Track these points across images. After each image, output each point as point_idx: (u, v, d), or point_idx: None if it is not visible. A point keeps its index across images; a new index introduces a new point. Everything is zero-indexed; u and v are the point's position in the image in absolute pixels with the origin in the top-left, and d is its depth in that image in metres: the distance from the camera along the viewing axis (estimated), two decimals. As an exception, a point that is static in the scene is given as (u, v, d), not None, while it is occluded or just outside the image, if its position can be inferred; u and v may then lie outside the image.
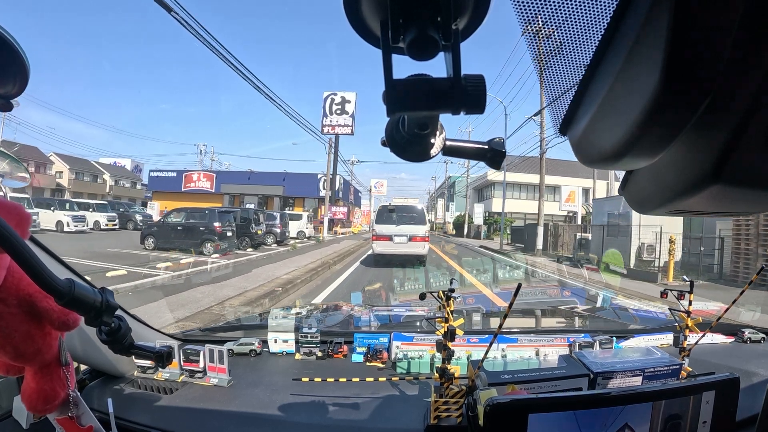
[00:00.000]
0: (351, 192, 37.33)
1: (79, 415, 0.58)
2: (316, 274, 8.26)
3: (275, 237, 15.80)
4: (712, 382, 0.71)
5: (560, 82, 0.40)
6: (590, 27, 0.35)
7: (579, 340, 1.26)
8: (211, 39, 9.16)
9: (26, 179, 1.21)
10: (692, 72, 0.27)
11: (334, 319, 1.83)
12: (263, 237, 14.99)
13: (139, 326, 1.13)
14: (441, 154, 0.40)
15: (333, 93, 24.90)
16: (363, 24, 0.29)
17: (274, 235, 15.76)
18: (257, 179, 30.05)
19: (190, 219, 12.31)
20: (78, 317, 0.50)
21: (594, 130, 0.36)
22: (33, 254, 0.38)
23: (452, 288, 0.92)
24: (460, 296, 0.96)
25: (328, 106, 24.59)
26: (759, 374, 1.11)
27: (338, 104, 24.61)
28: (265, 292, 5.88)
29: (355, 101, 24.67)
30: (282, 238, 16.23)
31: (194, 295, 5.35)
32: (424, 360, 1.19)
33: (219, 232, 11.83)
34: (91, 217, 18.00)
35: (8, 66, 0.47)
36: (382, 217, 10.39)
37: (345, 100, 24.69)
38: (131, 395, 0.98)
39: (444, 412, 0.85)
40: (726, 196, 0.33)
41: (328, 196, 22.97)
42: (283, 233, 16.50)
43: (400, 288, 3.99)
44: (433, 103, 0.29)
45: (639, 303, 3.95)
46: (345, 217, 29.44)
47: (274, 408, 0.93)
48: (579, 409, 0.63)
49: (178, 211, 12.97)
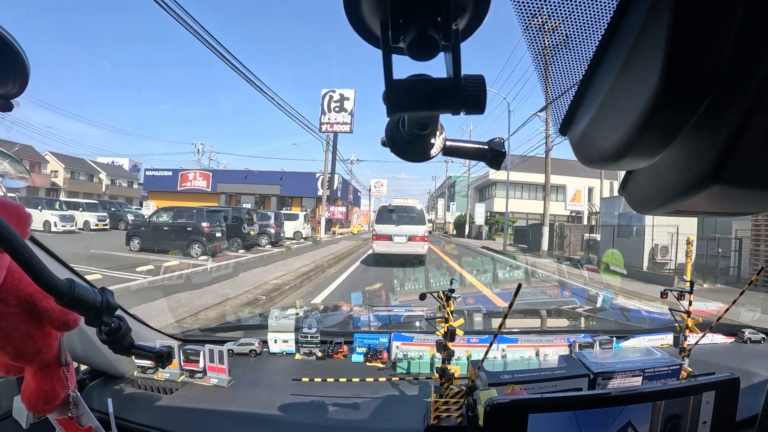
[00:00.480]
0: (350, 191, 36.71)
1: (79, 416, 0.58)
2: (308, 279, 7.70)
3: (269, 238, 15.19)
4: (712, 383, 0.71)
5: (560, 82, 0.40)
6: (590, 27, 0.35)
7: (579, 341, 1.26)
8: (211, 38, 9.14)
9: (27, 179, 1.22)
10: (692, 72, 0.27)
11: (334, 319, 1.83)
12: (256, 238, 14.38)
13: (139, 326, 1.13)
14: (441, 155, 0.40)
15: (331, 90, 24.09)
16: (363, 24, 0.29)
17: (268, 236, 15.14)
18: (254, 178, 29.45)
19: (177, 219, 11.57)
20: (78, 317, 0.50)
21: (594, 130, 0.36)
22: (33, 254, 0.38)
23: (452, 288, 0.92)
24: (460, 296, 0.96)
25: (327, 103, 23.81)
26: (759, 374, 1.11)
27: (337, 101, 23.83)
28: (247, 300, 5.42)
29: (354, 98, 23.91)
30: (277, 238, 15.61)
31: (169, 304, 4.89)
32: (424, 360, 1.19)
33: (207, 233, 11.21)
34: (80, 216, 17.49)
35: (8, 66, 0.47)
36: (382, 217, 10.52)
37: (344, 97, 23.91)
38: (131, 395, 0.98)
39: (444, 413, 0.85)
40: (726, 196, 0.33)
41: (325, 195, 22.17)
42: (278, 234, 15.85)
43: (400, 288, 3.98)
44: (433, 104, 0.29)
45: (639, 303, 3.95)
46: (344, 217, 28.74)
47: (274, 408, 0.93)
48: (579, 410, 0.63)
49: (164, 211, 12.25)
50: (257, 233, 14.52)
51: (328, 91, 24.04)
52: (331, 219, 25.90)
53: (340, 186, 30.91)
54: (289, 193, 29.14)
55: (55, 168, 36.42)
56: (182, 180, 30.39)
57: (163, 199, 26.70)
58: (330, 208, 25.33)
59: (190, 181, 30.29)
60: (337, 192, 29.40)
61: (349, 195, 35.48)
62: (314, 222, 22.03)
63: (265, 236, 15.09)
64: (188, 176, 30.58)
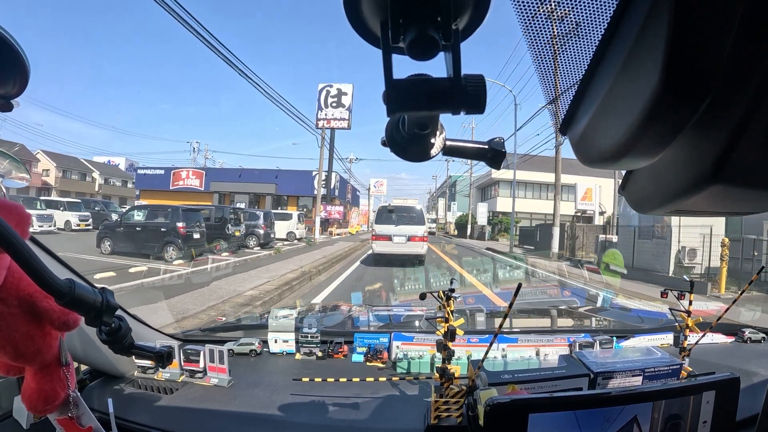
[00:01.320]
0: (348, 191, 35.71)
1: (79, 416, 0.58)
2: (290, 290, 6.65)
3: (258, 239, 14.07)
4: (713, 382, 0.71)
5: (560, 81, 0.40)
6: (590, 27, 0.35)
7: (579, 340, 1.26)
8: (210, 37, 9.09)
9: (27, 179, 1.22)
10: (692, 72, 0.27)
11: (334, 319, 1.83)
12: (241, 239, 13.37)
13: (139, 326, 1.13)
14: (441, 154, 0.40)
15: (328, 85, 22.74)
16: (363, 24, 0.29)
17: (257, 237, 14.07)
18: (249, 177, 28.48)
19: (151, 218, 10.26)
20: (78, 317, 0.50)
21: (594, 130, 0.36)
22: (33, 254, 0.38)
23: (452, 288, 0.92)
24: (460, 296, 0.96)
25: (324, 98, 22.55)
26: (759, 374, 1.11)
27: (334, 96, 22.56)
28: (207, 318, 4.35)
29: (352, 94, 22.64)
30: (266, 240, 14.45)
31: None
32: (425, 360, 1.19)
33: (183, 234, 9.94)
34: (61, 216, 16.57)
35: (8, 66, 0.47)
36: (381, 217, 10.58)
37: (341, 92, 22.59)
38: (131, 395, 0.98)
39: (444, 412, 0.85)
40: (726, 196, 0.33)
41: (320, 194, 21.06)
42: (268, 235, 14.66)
43: (401, 288, 3.98)
44: (433, 103, 0.29)
45: (639, 303, 3.95)
46: (341, 217, 27.61)
47: (274, 408, 0.93)
48: (579, 409, 0.63)
49: (138, 209, 11.01)
50: (244, 234, 13.68)
51: (325, 86, 22.84)
52: (328, 219, 25.28)
53: (338, 185, 29.99)
54: (285, 192, 28.25)
55: (46, 166, 36.05)
56: (175, 179, 29.64)
57: (155, 198, 26.32)
58: (327, 207, 24.77)
59: (182, 180, 29.56)
60: (335, 191, 28.55)
61: (347, 194, 34.57)
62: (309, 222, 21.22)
63: (253, 237, 14.08)
64: (181, 175, 29.79)
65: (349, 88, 22.78)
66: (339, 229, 26.36)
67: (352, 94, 22.71)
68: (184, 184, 29.41)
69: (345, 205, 31.34)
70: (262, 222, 14.59)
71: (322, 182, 22.85)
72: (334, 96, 22.67)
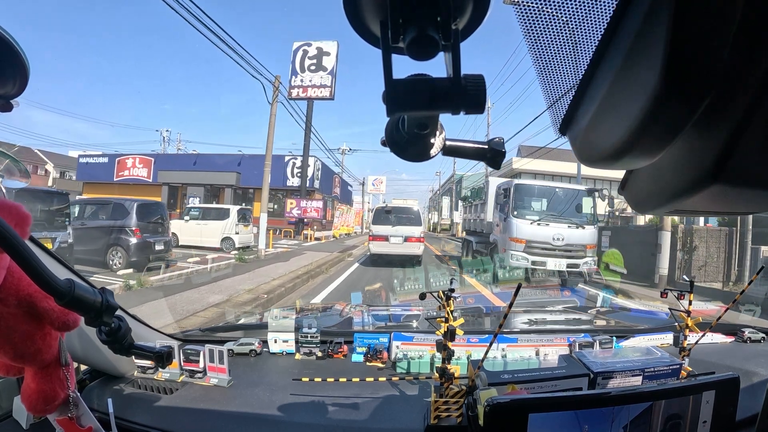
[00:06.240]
0: (337, 184, 28.16)
1: (79, 416, 0.58)
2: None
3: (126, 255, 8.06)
4: (712, 382, 0.71)
5: (560, 81, 0.40)
6: (590, 27, 0.35)
7: (579, 340, 1.26)
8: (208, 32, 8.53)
9: (27, 179, 1.22)
10: (692, 72, 0.27)
11: (334, 319, 1.83)
12: None
13: (139, 326, 1.13)
14: (441, 154, 0.41)
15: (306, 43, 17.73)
16: (363, 24, 0.29)
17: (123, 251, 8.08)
18: (205, 164, 21.45)
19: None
20: (78, 317, 0.50)
21: (594, 130, 0.36)
22: (33, 254, 0.38)
23: (452, 288, 0.92)
24: (460, 296, 0.96)
25: (299, 60, 17.58)
26: (759, 374, 1.11)
27: (313, 58, 17.56)
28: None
29: (337, 54, 17.63)
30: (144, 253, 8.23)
31: None
32: (424, 360, 1.19)
33: None
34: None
35: (8, 66, 0.47)
36: (379, 217, 10.76)
37: (322, 51, 17.48)
38: (131, 395, 0.98)
39: (444, 412, 0.85)
40: (726, 196, 0.33)
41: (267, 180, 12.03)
42: (145, 246, 8.27)
43: (400, 288, 3.98)
44: (433, 103, 0.29)
45: (639, 303, 3.95)
46: (319, 215, 19.98)
47: (274, 408, 0.93)
48: (579, 409, 0.63)
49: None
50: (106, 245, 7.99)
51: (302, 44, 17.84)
52: (303, 218, 19.43)
53: (318, 174, 22.64)
54: (249, 183, 20.55)
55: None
56: (119, 168, 23.36)
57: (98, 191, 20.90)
58: (301, 203, 19.43)
59: (128, 169, 23.33)
60: (314, 181, 21.64)
61: (334, 188, 27.05)
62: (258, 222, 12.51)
63: (117, 252, 8.12)
64: (126, 163, 23.40)
65: (332, 47, 17.77)
66: (321, 232, 19.52)
67: (337, 55, 17.77)
68: (130, 175, 23.31)
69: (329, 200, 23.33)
70: (134, 222, 8.25)
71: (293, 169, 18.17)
72: (313, 57, 17.77)
